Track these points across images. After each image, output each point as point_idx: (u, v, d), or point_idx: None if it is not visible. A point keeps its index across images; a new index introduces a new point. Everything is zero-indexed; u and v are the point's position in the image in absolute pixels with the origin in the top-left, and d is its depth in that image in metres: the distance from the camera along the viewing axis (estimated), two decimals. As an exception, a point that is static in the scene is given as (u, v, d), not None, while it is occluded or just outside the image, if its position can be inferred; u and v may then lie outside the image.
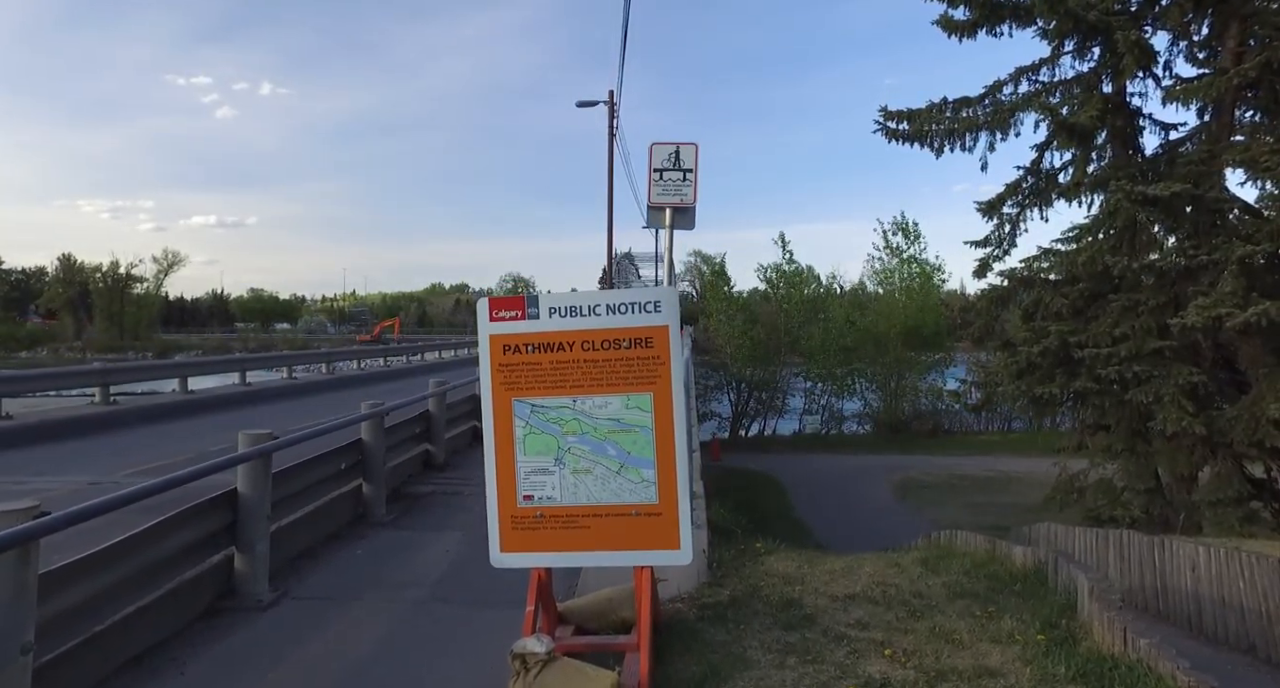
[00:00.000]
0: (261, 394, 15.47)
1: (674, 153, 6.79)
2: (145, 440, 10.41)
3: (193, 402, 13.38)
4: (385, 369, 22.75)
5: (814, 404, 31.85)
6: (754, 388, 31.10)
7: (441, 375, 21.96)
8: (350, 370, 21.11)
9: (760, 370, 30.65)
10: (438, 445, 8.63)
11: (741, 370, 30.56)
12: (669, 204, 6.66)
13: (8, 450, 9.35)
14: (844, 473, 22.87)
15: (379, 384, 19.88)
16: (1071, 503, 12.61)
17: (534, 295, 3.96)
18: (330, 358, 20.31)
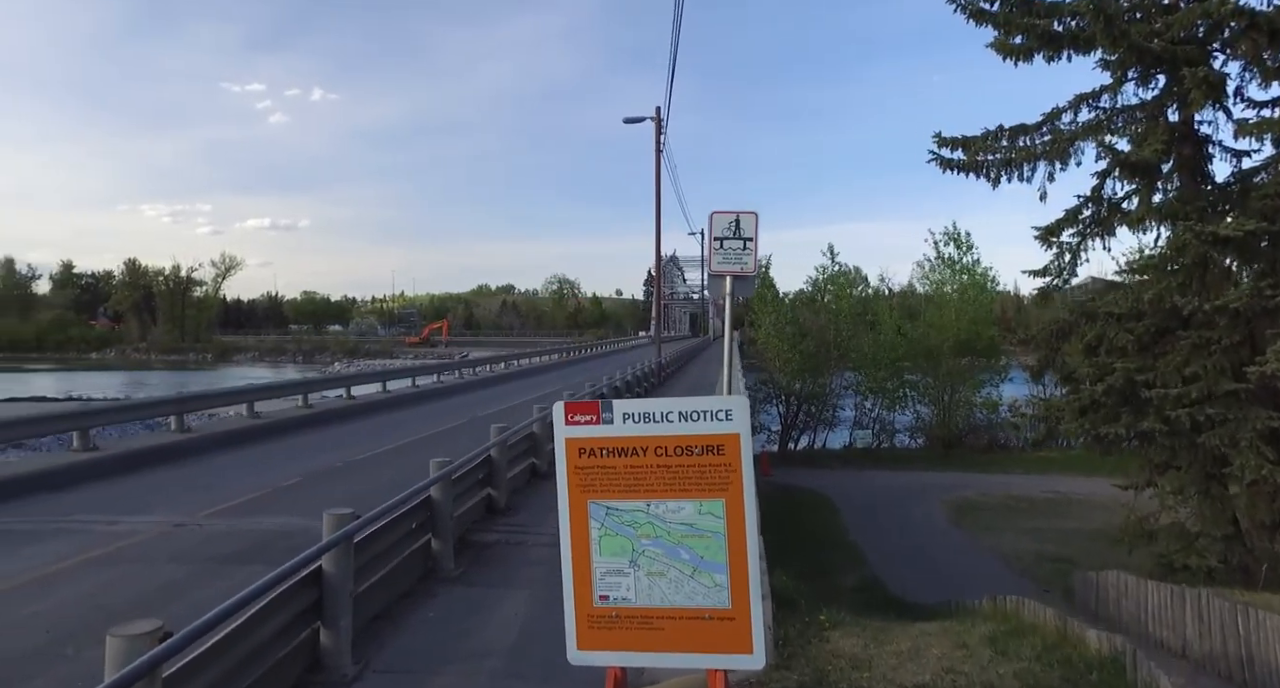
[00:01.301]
0: (323, 416, 15.93)
1: (734, 222, 6.88)
2: (221, 472, 10.86)
3: (260, 427, 13.89)
4: (439, 386, 23.14)
5: (864, 417, 31.58)
6: (803, 400, 30.96)
7: (499, 392, 22.39)
8: (405, 388, 21.53)
9: (809, 383, 30.52)
10: (500, 490, 8.84)
11: (790, 383, 30.46)
12: (730, 272, 6.74)
13: (97, 483, 9.85)
14: (897, 492, 22.61)
15: (439, 401, 20.29)
16: (1141, 545, 12.25)
17: (608, 401, 4.10)
18: (385, 376, 20.78)
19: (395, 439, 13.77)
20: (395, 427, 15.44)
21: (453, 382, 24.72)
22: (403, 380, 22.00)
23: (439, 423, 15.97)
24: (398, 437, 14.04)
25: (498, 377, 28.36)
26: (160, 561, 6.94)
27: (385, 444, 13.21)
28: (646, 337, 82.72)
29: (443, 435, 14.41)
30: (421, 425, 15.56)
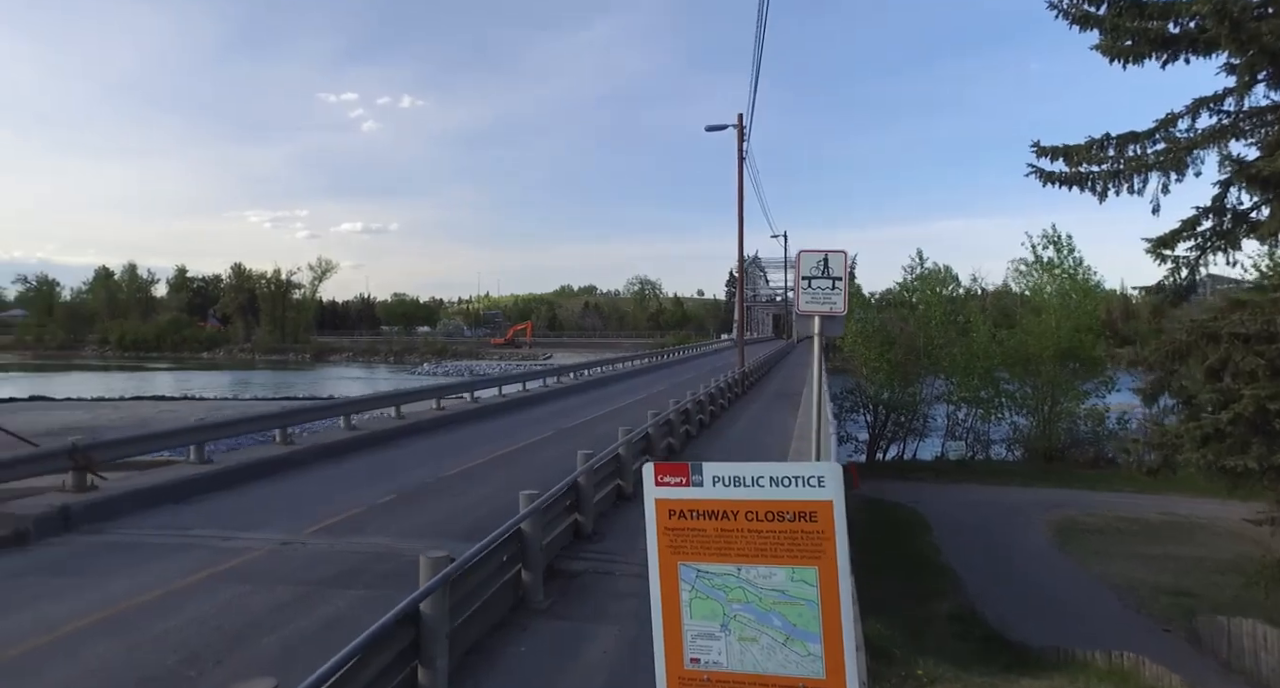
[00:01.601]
0: (417, 426, 16.43)
1: (823, 261, 6.71)
2: (320, 486, 11.34)
3: (356, 439, 14.44)
4: (524, 394, 23.52)
5: (957, 427, 30.40)
6: (891, 409, 30.09)
7: (581, 401, 22.56)
8: (491, 396, 21.98)
9: (898, 392, 29.63)
10: (586, 515, 8.91)
11: (878, 393, 29.65)
12: (818, 312, 6.57)
13: (213, 496, 10.45)
14: (994, 510, 21.65)
15: (524, 411, 20.64)
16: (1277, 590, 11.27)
17: (698, 464, 4.07)
18: (473, 387, 21.23)
19: (484, 453, 14.07)
20: (483, 439, 15.79)
21: (537, 389, 25.08)
22: (490, 389, 22.43)
23: (525, 435, 16.25)
24: (486, 451, 14.35)
25: (581, 384, 28.60)
26: (271, 581, 7.28)
27: (474, 458, 13.52)
28: (729, 339, 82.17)
29: (529, 450, 14.66)
30: (508, 438, 15.86)
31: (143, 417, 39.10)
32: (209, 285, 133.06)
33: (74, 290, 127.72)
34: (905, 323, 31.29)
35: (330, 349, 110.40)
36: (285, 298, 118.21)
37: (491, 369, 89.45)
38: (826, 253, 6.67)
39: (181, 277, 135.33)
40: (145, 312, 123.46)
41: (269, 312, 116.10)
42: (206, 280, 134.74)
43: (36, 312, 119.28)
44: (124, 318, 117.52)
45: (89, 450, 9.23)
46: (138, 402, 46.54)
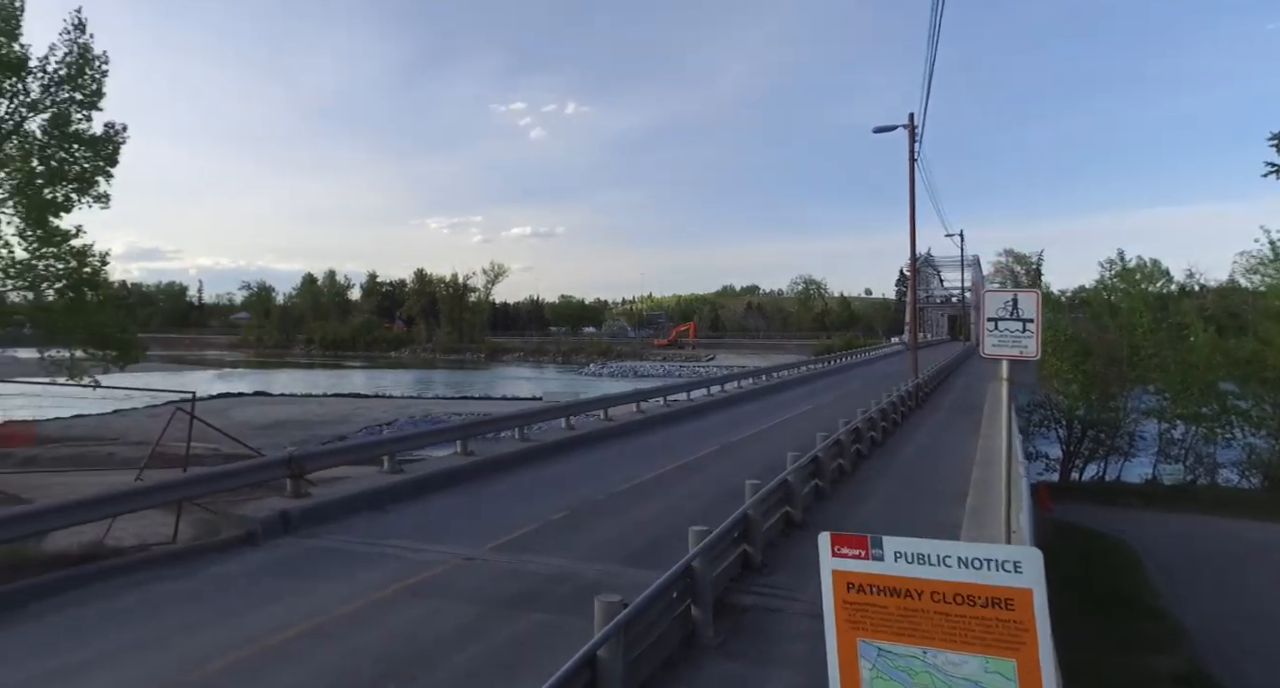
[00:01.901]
0: (584, 439, 16.85)
1: (1011, 302, 6.13)
2: (497, 499, 11.86)
3: (529, 450, 15.01)
4: (689, 404, 23.51)
5: (1172, 447, 26.86)
6: (1089, 426, 27.28)
7: (747, 412, 22.23)
8: (657, 406, 22.16)
9: (1097, 407, 26.80)
10: (755, 546, 8.69)
11: (1072, 408, 27.00)
12: (1006, 356, 5.98)
13: (405, 505, 11.22)
14: (1227, 545, 18.91)
15: (689, 422, 20.64)
16: None
17: (877, 537, 3.77)
18: (642, 397, 21.50)
19: (650, 469, 14.16)
20: (648, 454, 15.93)
21: (701, 399, 24.99)
22: (655, 400, 22.61)
23: (690, 450, 16.22)
24: (654, 465, 14.44)
25: (746, 393, 28.19)
26: (456, 598, 7.66)
27: (641, 474, 13.62)
28: (899, 342, 78.43)
29: (696, 467, 14.60)
30: (674, 453, 15.90)
31: (343, 413, 43.20)
32: (395, 289, 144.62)
33: (286, 295, 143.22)
34: (1106, 330, 28.25)
35: (503, 349, 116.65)
36: (462, 301, 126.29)
37: (655, 370, 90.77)
38: (1015, 292, 6.07)
39: (372, 282, 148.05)
40: (343, 314, 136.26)
41: (448, 314, 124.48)
42: (393, 285, 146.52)
43: (257, 314, 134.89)
44: (325, 320, 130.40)
45: (302, 460, 10.14)
46: (338, 399, 51.51)
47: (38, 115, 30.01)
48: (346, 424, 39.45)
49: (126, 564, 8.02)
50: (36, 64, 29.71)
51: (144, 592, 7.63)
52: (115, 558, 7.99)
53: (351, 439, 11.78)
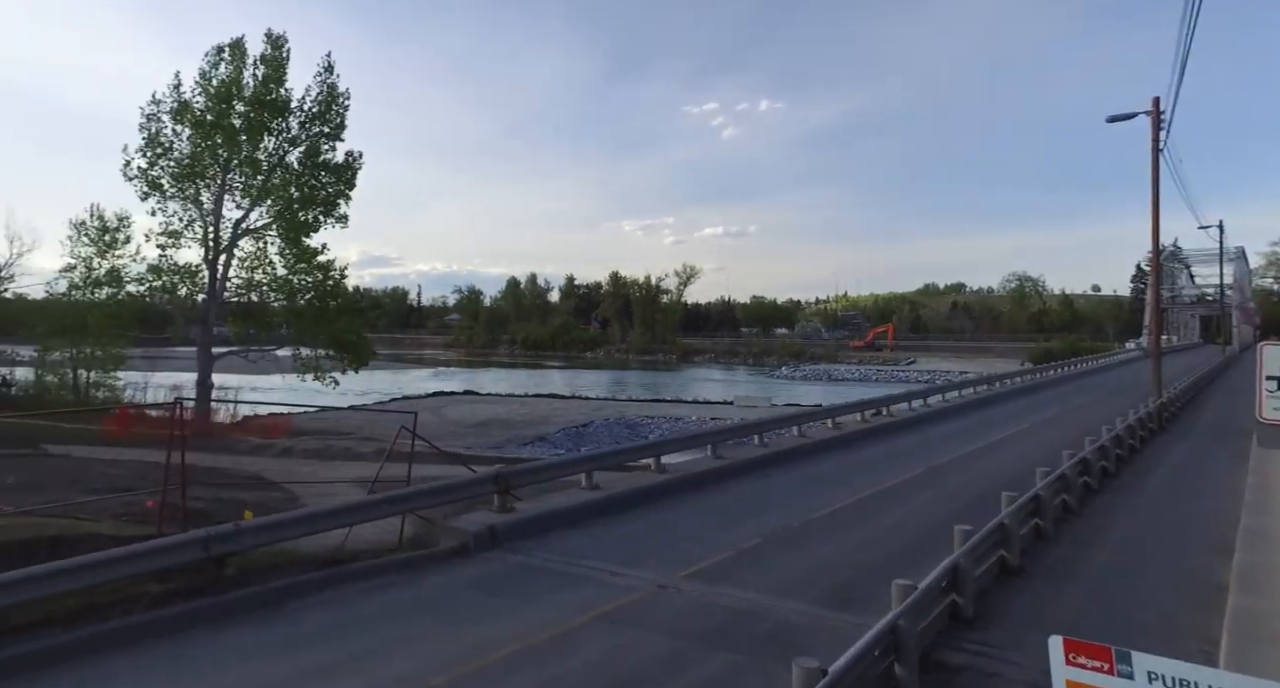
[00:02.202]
0: (778, 458, 16.52)
1: None
2: (690, 520, 11.91)
3: (722, 469, 14.96)
4: (888, 420, 22.35)
5: None
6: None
7: (951, 430, 20.69)
8: (853, 421, 21.26)
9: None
10: (965, 597, 8.03)
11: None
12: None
13: (597, 523, 11.58)
14: None
15: (889, 438, 19.64)
16: None
17: (1124, 652, 3.25)
18: (835, 412, 20.74)
19: (848, 492, 13.62)
20: (845, 475, 15.34)
21: (903, 413, 23.67)
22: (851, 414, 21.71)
23: (891, 472, 15.42)
24: (850, 490, 13.87)
25: (953, 408, 26.30)
26: (648, 629, 7.75)
27: (838, 499, 13.14)
28: (1137, 347, 69.94)
29: (897, 493, 13.83)
30: (873, 475, 15.19)
31: (542, 413, 45.68)
32: (591, 291, 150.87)
33: (492, 298, 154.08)
34: None
35: (694, 350, 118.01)
36: (655, 302, 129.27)
37: (850, 373, 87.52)
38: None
39: (570, 284, 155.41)
40: (543, 316, 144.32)
41: (641, 315, 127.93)
42: (589, 287, 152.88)
43: (466, 316, 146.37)
44: (527, 321, 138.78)
45: (508, 478, 10.76)
46: (538, 399, 54.56)
47: (295, 149, 34.61)
48: (546, 424, 41.62)
49: (366, 570, 8.91)
50: (296, 104, 34.30)
51: (379, 600, 8.43)
52: (355, 563, 8.88)
53: (551, 458, 12.34)
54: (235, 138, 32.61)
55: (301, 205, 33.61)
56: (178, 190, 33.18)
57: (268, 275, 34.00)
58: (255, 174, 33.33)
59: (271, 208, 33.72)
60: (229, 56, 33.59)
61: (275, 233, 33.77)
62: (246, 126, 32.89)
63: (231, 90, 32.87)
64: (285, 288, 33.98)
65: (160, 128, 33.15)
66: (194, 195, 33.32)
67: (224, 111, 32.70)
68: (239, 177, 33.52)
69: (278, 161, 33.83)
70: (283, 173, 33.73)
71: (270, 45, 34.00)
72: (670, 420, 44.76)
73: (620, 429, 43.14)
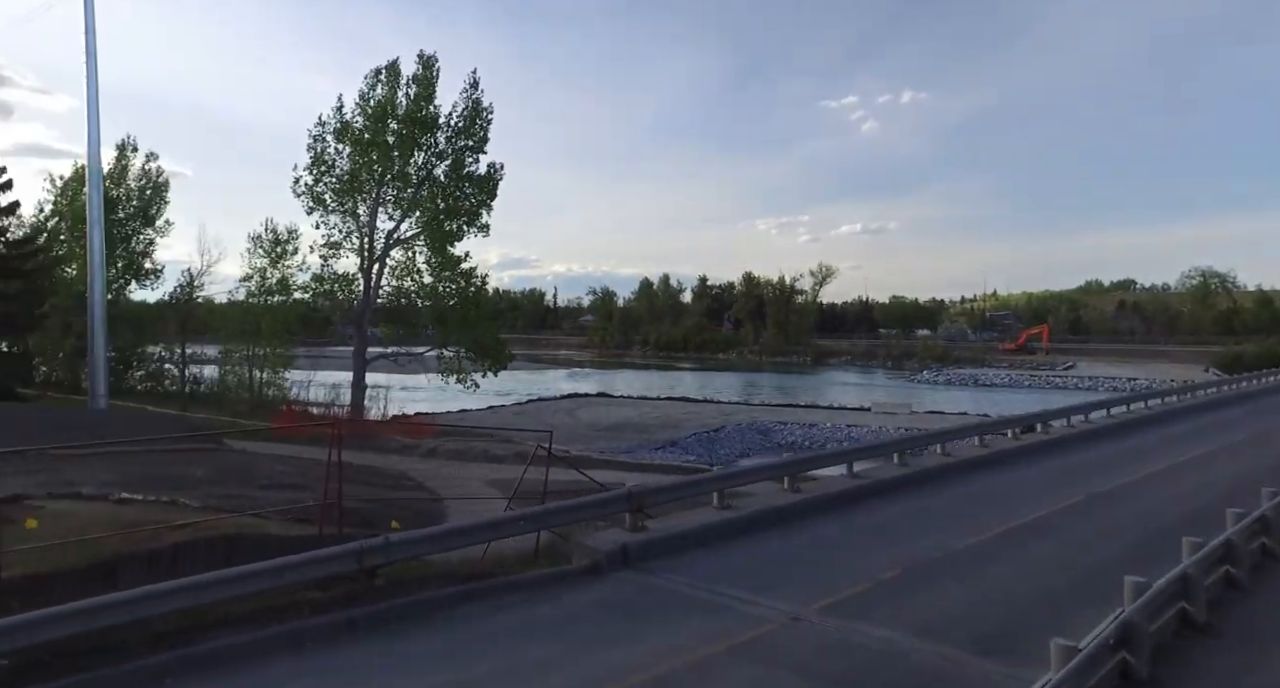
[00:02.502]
0: (918, 478, 15.68)
1: None
2: (825, 546, 11.50)
3: (860, 488, 14.37)
4: (1044, 438, 20.65)
5: None
6: None
7: (1115, 451, 18.79)
8: (1002, 442, 19.81)
9: None
10: (1139, 657, 7.25)
11: None
12: None
13: (729, 545, 11.39)
14: None
15: (1042, 458, 18.14)
16: None
17: None
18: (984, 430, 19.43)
19: (998, 520, 12.70)
20: (998, 499, 14.36)
21: (1059, 430, 21.77)
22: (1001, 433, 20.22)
23: (1047, 498, 14.24)
24: (1001, 517, 12.93)
25: (1119, 425, 23.97)
26: (783, 666, 7.51)
27: (987, 528, 12.28)
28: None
29: (1054, 522, 12.76)
30: (1027, 501, 14.11)
31: (675, 417, 45.89)
32: (724, 292, 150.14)
33: (625, 299, 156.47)
34: None
35: (829, 352, 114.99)
36: (789, 303, 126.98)
37: (999, 378, 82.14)
38: None
39: (702, 285, 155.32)
40: (675, 316, 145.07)
41: (774, 316, 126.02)
42: (722, 287, 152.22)
43: (600, 317, 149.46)
44: (660, 322, 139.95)
45: (641, 496, 10.78)
46: (670, 402, 54.86)
47: (442, 162, 36.55)
48: (678, 429, 41.77)
49: (503, 586, 9.18)
50: (443, 120, 36.23)
51: (516, 617, 8.64)
52: (494, 578, 9.18)
53: (682, 478, 12.23)
54: (389, 154, 34.82)
55: (447, 216, 35.44)
56: (338, 204, 35.85)
57: (415, 283, 36.12)
58: (405, 187, 35.46)
59: (419, 219, 35.78)
60: (385, 78, 35.90)
61: (423, 242, 35.79)
62: (399, 143, 35.04)
63: (386, 109, 35.12)
64: (431, 294, 35.97)
65: (325, 147, 35.91)
66: (352, 209, 35.89)
67: (379, 129, 35.00)
68: (391, 190, 35.76)
69: (426, 175, 35.84)
70: (430, 186, 35.70)
71: (421, 65, 36.05)
72: (804, 426, 43.77)
73: (752, 434, 42.64)
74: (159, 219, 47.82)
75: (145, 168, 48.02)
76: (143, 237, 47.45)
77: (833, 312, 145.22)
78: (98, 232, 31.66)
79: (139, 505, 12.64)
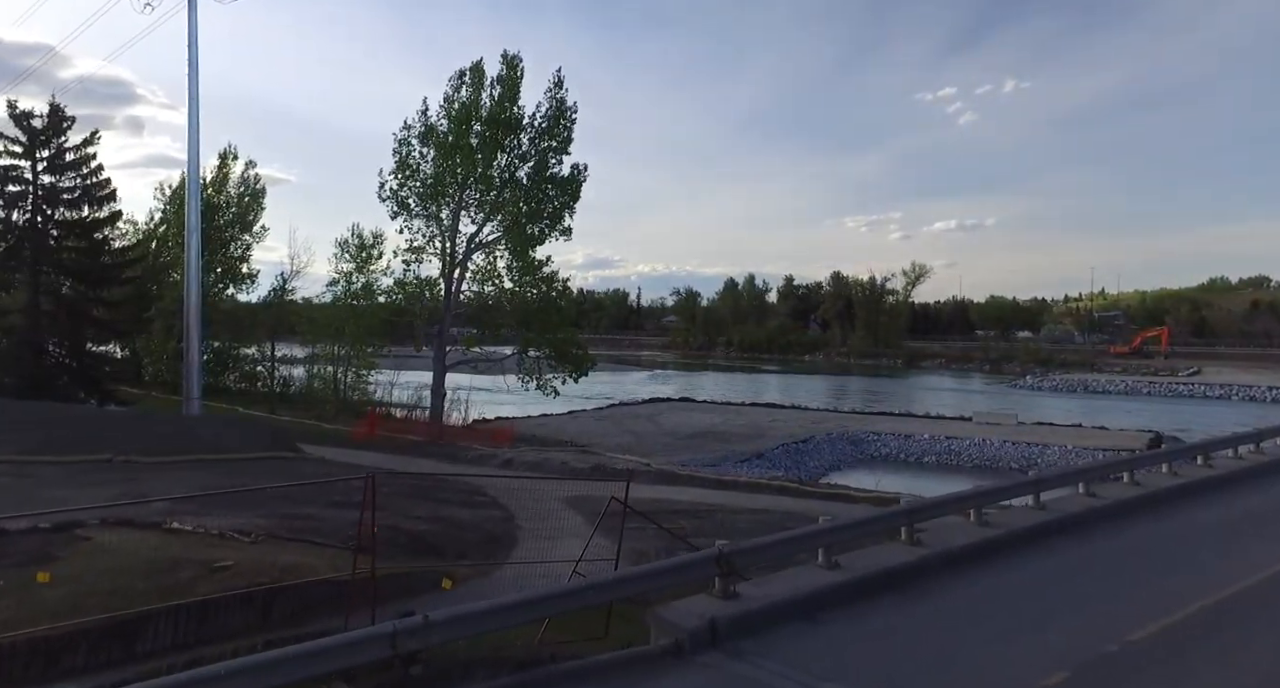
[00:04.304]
0: (1060, 522, 13.33)
1: None
2: (957, 623, 9.46)
3: (991, 541, 12.19)
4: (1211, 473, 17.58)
5: None
6: None
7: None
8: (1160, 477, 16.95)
9: None
10: None
11: None
12: None
13: (838, 616, 9.52)
14: None
15: (1211, 502, 15.26)
16: None
17: None
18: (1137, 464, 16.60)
19: (1180, 595, 9.96)
20: (1163, 560, 11.87)
21: (1229, 463, 18.24)
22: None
23: (1232, 563, 11.64)
24: (1181, 590, 10.24)
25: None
26: None
27: (1170, 607, 9.52)
28: None
29: (1252, 601, 10.17)
30: (1206, 562, 11.59)
31: (759, 425, 43.67)
32: (811, 292, 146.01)
33: (709, 299, 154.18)
34: None
35: (921, 354, 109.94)
36: (879, 303, 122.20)
37: (1112, 385, 75.76)
38: None
39: (788, 285, 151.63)
40: (760, 317, 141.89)
41: (864, 317, 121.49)
42: (809, 287, 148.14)
43: (684, 317, 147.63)
44: (744, 322, 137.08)
45: (732, 558, 9.07)
46: (754, 408, 52.62)
47: (525, 164, 35.58)
48: (763, 438, 39.66)
49: (566, 674, 7.62)
50: (527, 120, 35.23)
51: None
52: (554, 664, 7.64)
53: (785, 534, 10.36)
54: (472, 156, 34.05)
55: (529, 219, 34.44)
56: (422, 208, 35.37)
57: (496, 287, 35.30)
58: (488, 190, 34.64)
59: (501, 222, 34.91)
60: (469, 79, 35.15)
61: (504, 246, 34.91)
62: (482, 145, 34.23)
63: (470, 111, 34.36)
64: (513, 299, 35.08)
65: (410, 151, 35.48)
66: (435, 213, 35.34)
67: (463, 132, 34.28)
68: (474, 193, 35.01)
69: (509, 177, 34.93)
70: (512, 188, 34.76)
71: (506, 66, 35.13)
72: (899, 438, 40.88)
73: (843, 445, 40.08)
74: (256, 225, 49.02)
75: (244, 175, 49.30)
76: (240, 242, 48.69)
77: (925, 312, 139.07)
78: (195, 238, 32.04)
79: (187, 539, 11.72)
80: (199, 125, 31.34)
